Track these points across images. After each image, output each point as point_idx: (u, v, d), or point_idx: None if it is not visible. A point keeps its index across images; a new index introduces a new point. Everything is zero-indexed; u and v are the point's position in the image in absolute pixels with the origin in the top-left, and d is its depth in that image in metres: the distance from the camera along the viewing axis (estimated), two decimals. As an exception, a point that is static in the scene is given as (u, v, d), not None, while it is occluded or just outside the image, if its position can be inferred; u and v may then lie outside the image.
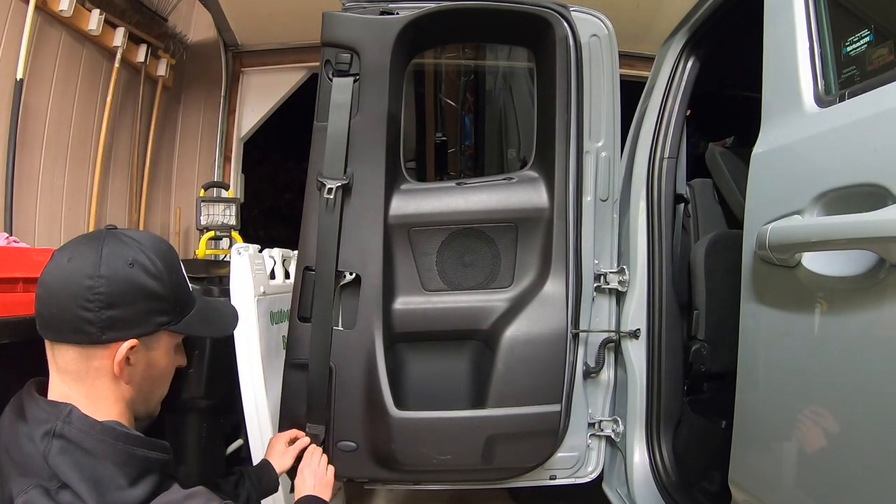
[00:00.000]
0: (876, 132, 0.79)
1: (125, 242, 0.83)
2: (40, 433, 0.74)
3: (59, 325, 0.79)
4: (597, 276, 1.52)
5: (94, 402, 0.80)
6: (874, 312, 0.78)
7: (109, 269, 0.79)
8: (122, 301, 0.79)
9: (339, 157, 1.36)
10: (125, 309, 0.80)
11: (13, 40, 2.24)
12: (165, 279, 0.84)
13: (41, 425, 0.75)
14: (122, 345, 0.80)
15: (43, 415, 0.76)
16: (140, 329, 0.82)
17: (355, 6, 1.40)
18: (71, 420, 0.76)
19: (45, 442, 0.73)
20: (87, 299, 0.77)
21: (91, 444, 0.75)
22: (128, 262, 0.80)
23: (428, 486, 1.56)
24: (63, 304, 0.78)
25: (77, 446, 0.74)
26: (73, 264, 0.80)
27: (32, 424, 0.75)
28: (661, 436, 1.49)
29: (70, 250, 0.82)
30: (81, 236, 0.86)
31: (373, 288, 1.38)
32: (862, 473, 0.81)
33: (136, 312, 0.81)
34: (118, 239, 0.83)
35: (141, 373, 0.84)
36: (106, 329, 0.78)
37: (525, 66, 3.26)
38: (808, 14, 0.99)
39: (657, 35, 1.84)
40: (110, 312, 0.78)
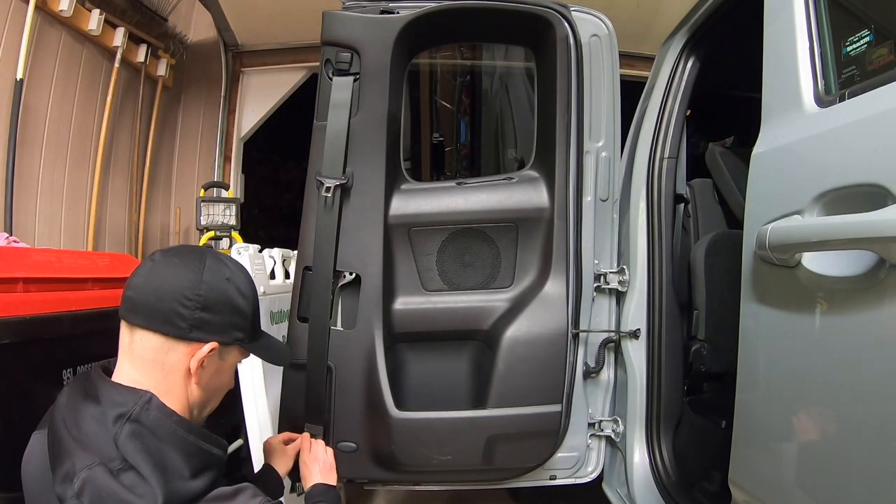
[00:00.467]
0: (876, 132, 0.79)
1: (223, 262, 0.93)
2: (114, 415, 0.78)
3: (153, 313, 0.85)
4: (597, 276, 1.52)
5: (162, 394, 0.84)
6: (874, 312, 0.78)
7: (211, 278, 0.88)
8: (215, 307, 0.87)
9: (337, 156, 1.36)
10: (215, 315, 0.87)
11: (13, 40, 2.24)
12: (250, 301, 0.94)
13: (117, 408, 0.79)
14: (203, 346, 0.86)
15: (121, 398, 0.80)
16: (221, 337, 0.89)
17: (355, 5, 1.40)
18: (150, 407, 0.81)
19: (117, 425, 0.77)
20: (188, 297, 0.85)
21: (164, 431, 0.80)
22: (225, 277, 0.90)
23: (428, 487, 1.56)
24: (163, 294, 0.85)
25: (150, 432, 0.79)
26: (180, 266, 0.88)
27: (107, 406, 0.79)
28: (661, 436, 1.49)
29: (177, 254, 0.92)
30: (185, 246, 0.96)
31: (373, 288, 1.38)
32: (862, 473, 0.81)
33: (222, 321, 0.89)
34: (217, 257, 0.93)
35: (209, 377, 0.90)
36: (194, 328, 0.85)
37: (522, 67, 3.26)
38: (808, 14, 0.99)
39: (657, 35, 1.84)
40: (202, 314, 0.86)
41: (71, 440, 0.77)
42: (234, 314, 0.90)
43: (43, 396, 1.08)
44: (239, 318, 0.91)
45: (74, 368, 1.17)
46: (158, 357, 0.85)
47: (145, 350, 0.85)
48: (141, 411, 0.79)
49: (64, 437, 0.78)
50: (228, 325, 0.90)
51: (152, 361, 0.85)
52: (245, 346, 0.94)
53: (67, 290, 1.18)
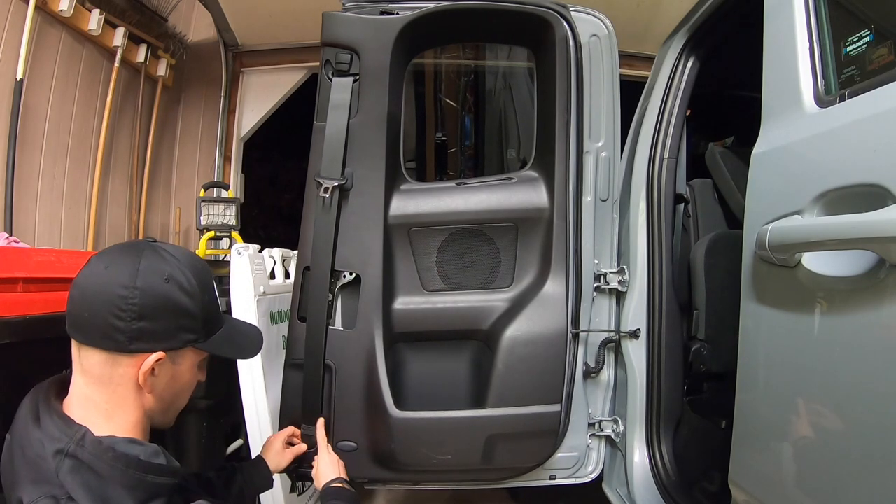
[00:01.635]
0: (876, 132, 0.79)
1: (163, 257, 0.84)
2: (52, 450, 0.75)
3: (90, 328, 0.80)
4: (597, 276, 1.52)
5: (114, 407, 0.81)
6: (874, 312, 0.78)
7: (145, 282, 0.80)
8: (154, 314, 0.80)
9: (336, 156, 1.36)
10: (155, 322, 0.81)
11: (13, 40, 2.24)
12: (198, 298, 0.85)
13: (54, 442, 0.75)
14: (148, 356, 0.81)
15: (56, 432, 0.76)
16: (168, 343, 0.83)
17: (355, 6, 1.40)
18: (84, 444, 0.76)
19: (56, 459, 0.74)
20: (121, 308, 0.79)
21: (102, 467, 0.75)
22: (164, 277, 0.82)
23: (428, 486, 1.56)
24: (96, 309, 0.79)
25: (88, 468, 0.75)
26: (110, 272, 0.81)
27: (46, 438, 0.76)
28: (661, 436, 1.49)
29: (108, 258, 0.83)
30: (121, 245, 0.87)
31: (373, 288, 1.38)
32: (862, 473, 0.81)
33: (165, 327, 0.82)
34: (157, 253, 0.84)
35: (163, 385, 0.85)
36: (134, 339, 0.80)
37: (525, 66, 3.26)
38: (808, 14, 0.99)
39: (657, 35, 1.84)
40: (141, 324, 0.79)
41: (22, 465, 0.75)
42: (180, 316, 0.83)
43: (43, 396, 1.08)
44: (186, 319, 0.84)
45: (74, 368, 1.16)
46: (105, 372, 0.81)
47: (92, 366, 0.81)
48: (77, 448, 0.75)
49: (17, 461, 0.76)
50: (174, 328, 0.83)
51: (100, 377, 0.81)
52: (200, 346, 0.87)
53: (67, 290, 1.18)
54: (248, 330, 1.01)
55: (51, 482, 0.73)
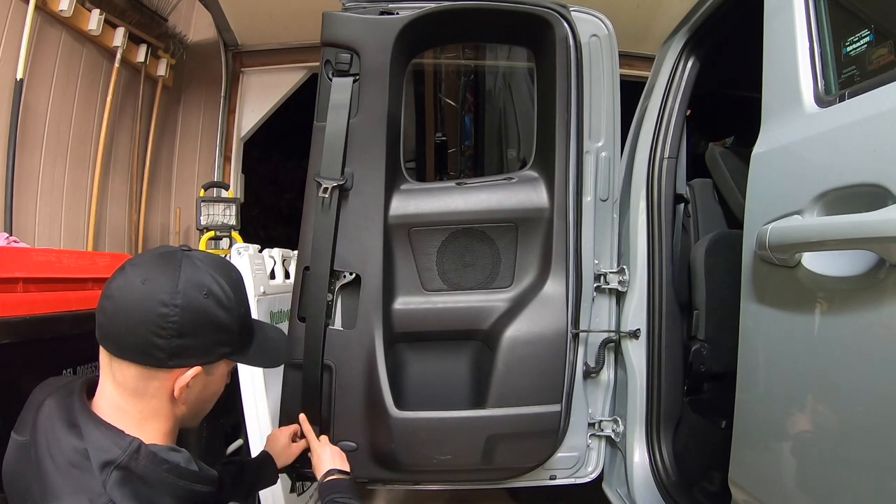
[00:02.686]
0: (876, 132, 0.79)
1: (200, 269, 0.82)
2: (100, 461, 0.73)
3: (126, 344, 0.78)
4: (597, 276, 1.52)
5: (147, 417, 0.81)
6: (874, 312, 0.78)
7: (185, 299, 0.78)
8: (193, 331, 0.79)
9: (336, 156, 1.36)
10: (195, 339, 0.80)
11: (13, 40, 2.24)
12: (234, 312, 0.84)
13: (102, 453, 0.74)
14: (186, 371, 0.80)
15: (106, 443, 0.75)
16: (205, 358, 0.83)
17: (355, 6, 1.40)
18: (139, 457, 0.75)
19: (105, 471, 0.73)
20: (161, 326, 0.77)
21: (154, 479, 0.76)
22: (203, 292, 0.80)
23: (428, 486, 1.56)
24: (133, 326, 0.77)
25: (140, 479, 0.75)
26: (148, 287, 0.78)
27: (91, 449, 0.75)
28: (661, 436, 1.48)
29: (145, 270, 0.80)
30: (156, 255, 0.84)
31: (373, 288, 1.38)
32: (862, 473, 0.81)
33: (203, 343, 0.81)
34: (194, 264, 0.82)
35: (196, 395, 0.86)
36: (173, 356, 0.79)
37: (525, 66, 3.26)
38: (808, 14, 0.99)
39: (657, 35, 1.84)
40: (180, 341, 0.78)
41: (57, 475, 0.73)
42: (217, 332, 0.83)
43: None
44: (223, 334, 0.84)
45: (74, 368, 1.17)
46: (140, 385, 0.80)
47: (126, 379, 0.79)
48: (129, 460, 0.74)
49: (48, 469, 0.74)
50: (211, 344, 0.83)
51: (134, 390, 0.80)
52: (233, 358, 0.88)
53: (67, 290, 1.18)
54: (277, 338, 1.00)
55: (94, 493, 0.71)
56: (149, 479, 0.75)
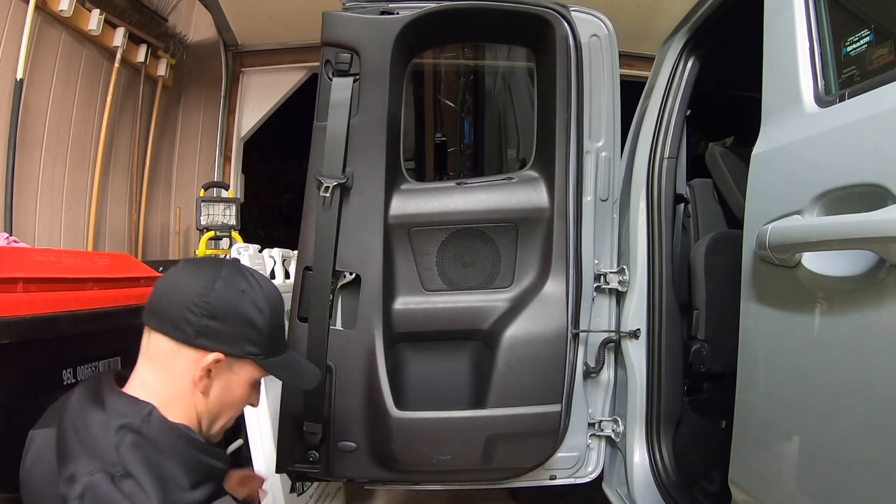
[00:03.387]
0: (876, 132, 0.79)
1: (244, 275, 0.93)
2: (116, 424, 0.79)
3: (163, 316, 0.88)
4: (597, 276, 1.52)
5: (170, 398, 0.87)
6: (874, 312, 0.78)
7: (222, 288, 0.89)
8: (223, 317, 0.88)
9: (337, 156, 1.36)
10: (222, 324, 0.88)
11: (13, 40, 2.24)
12: (266, 316, 0.92)
13: (120, 418, 0.81)
14: (209, 354, 0.87)
15: (124, 409, 0.82)
16: (229, 347, 0.89)
17: (355, 6, 1.40)
18: (150, 420, 0.82)
19: (120, 434, 0.79)
20: (195, 303, 0.87)
21: (164, 444, 0.81)
22: (240, 289, 0.91)
23: (428, 486, 1.56)
24: (172, 300, 0.88)
25: (151, 443, 0.80)
26: (193, 273, 0.91)
27: (111, 415, 0.81)
28: (661, 436, 1.48)
29: (196, 263, 0.96)
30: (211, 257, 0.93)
31: (373, 288, 1.38)
32: (862, 473, 0.81)
33: (230, 331, 0.89)
34: (239, 270, 0.94)
35: (217, 390, 0.91)
36: (200, 334, 0.87)
37: (524, 67, 3.26)
38: (808, 14, 0.99)
39: (657, 35, 1.84)
40: (209, 322, 0.87)
41: (77, 443, 0.79)
42: (245, 326, 0.90)
43: (43, 396, 1.08)
44: (251, 330, 0.90)
45: (74, 368, 1.17)
46: (167, 361, 0.87)
47: (157, 352, 0.88)
48: (142, 423, 0.81)
49: (70, 439, 0.80)
50: (238, 336, 0.89)
51: (162, 364, 0.87)
52: (259, 361, 0.93)
53: (67, 290, 1.18)
54: (304, 365, 1.07)
55: (107, 458, 0.76)
56: (159, 444, 0.80)
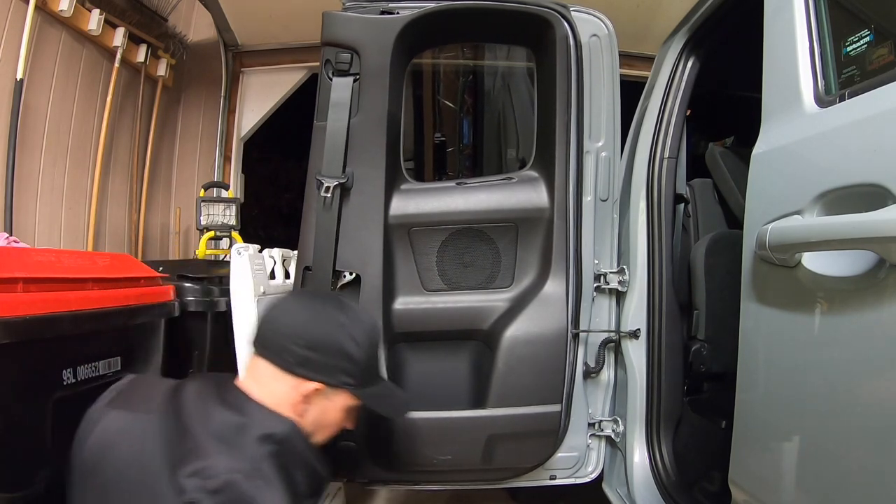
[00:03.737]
0: (876, 132, 0.79)
1: (344, 310, 1.02)
2: (260, 433, 0.88)
3: (269, 344, 0.98)
4: (597, 276, 1.52)
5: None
6: (874, 312, 0.78)
7: (324, 322, 0.99)
8: (322, 349, 0.96)
9: (337, 156, 1.36)
10: (321, 356, 0.96)
11: (13, 40, 2.24)
12: (363, 349, 1.00)
13: (263, 428, 0.89)
14: (308, 383, 0.96)
15: (268, 421, 0.91)
16: (326, 378, 0.97)
17: (355, 6, 1.40)
18: (292, 435, 0.92)
19: (262, 442, 0.87)
20: (298, 335, 0.96)
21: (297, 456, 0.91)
22: (340, 323, 0.99)
23: (428, 487, 1.56)
24: (279, 331, 0.98)
25: (287, 454, 0.89)
26: (300, 307, 1.02)
27: (253, 422, 0.89)
28: (661, 436, 1.48)
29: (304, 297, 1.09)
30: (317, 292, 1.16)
31: (373, 288, 1.38)
32: (862, 473, 0.81)
33: (328, 363, 0.97)
34: (340, 305, 1.03)
35: (312, 415, 0.98)
36: (300, 364, 0.95)
37: (524, 67, 3.25)
38: (808, 14, 0.99)
39: (657, 35, 1.84)
40: (308, 353, 0.95)
41: (210, 441, 0.85)
42: (343, 359, 0.97)
43: (43, 396, 1.08)
44: (348, 363, 0.98)
45: (74, 368, 1.16)
46: (269, 384, 0.95)
47: (261, 375, 0.96)
48: (285, 437, 0.90)
49: (198, 433, 0.86)
50: (335, 368, 0.97)
51: (265, 386, 0.95)
52: (353, 391, 1.00)
53: (67, 290, 1.18)
54: (397, 396, 1.14)
55: (249, 461, 0.84)
56: (294, 456, 0.90)
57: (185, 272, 1.73)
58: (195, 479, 0.80)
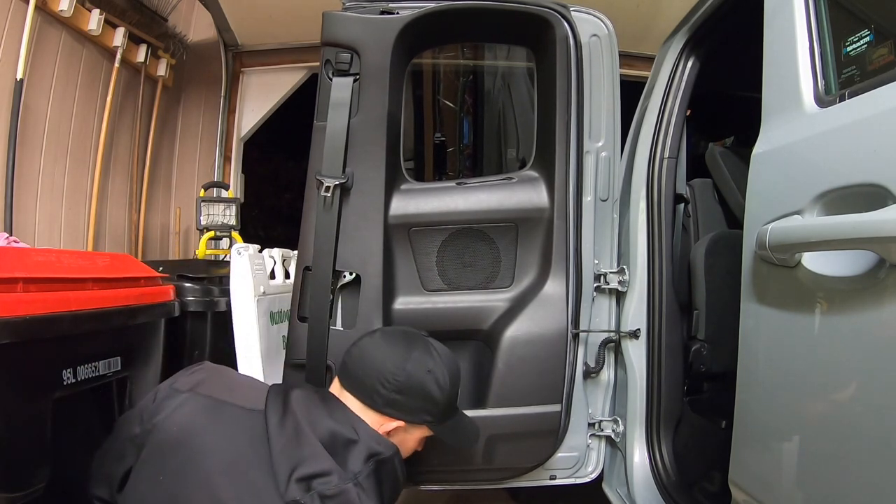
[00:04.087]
0: (876, 132, 0.79)
1: (431, 354, 1.07)
2: (368, 452, 0.96)
3: (358, 383, 1.04)
4: (597, 276, 1.51)
5: None
6: (874, 312, 0.78)
7: (412, 368, 1.04)
8: (409, 392, 1.03)
9: (337, 155, 1.36)
10: (408, 398, 1.03)
11: (13, 40, 2.24)
12: (446, 393, 1.07)
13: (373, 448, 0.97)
14: (392, 421, 1.04)
15: (378, 445, 0.99)
16: (410, 417, 1.05)
17: (355, 6, 1.40)
18: (394, 458, 1.01)
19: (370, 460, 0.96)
20: (387, 380, 1.02)
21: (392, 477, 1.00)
22: (427, 369, 1.04)
23: (428, 487, 1.56)
24: (368, 372, 1.04)
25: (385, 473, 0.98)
26: (391, 349, 1.07)
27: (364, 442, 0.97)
28: (661, 436, 1.48)
29: (394, 338, 1.10)
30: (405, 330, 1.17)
31: (373, 288, 1.38)
32: (862, 474, 0.81)
33: (413, 405, 1.04)
34: (428, 348, 1.08)
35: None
36: (387, 405, 1.03)
37: (524, 67, 3.25)
38: (808, 14, 0.99)
39: (657, 35, 1.84)
40: (396, 396, 1.02)
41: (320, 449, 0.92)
42: (427, 402, 1.04)
43: (43, 396, 1.08)
44: (431, 404, 1.05)
45: (74, 368, 1.17)
46: (357, 415, 1.02)
47: (349, 406, 1.03)
48: (387, 459, 0.98)
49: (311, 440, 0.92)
50: (419, 409, 1.04)
51: (352, 416, 1.01)
52: (432, 427, 1.09)
53: (67, 290, 1.18)
54: (468, 426, 1.20)
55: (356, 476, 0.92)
56: (389, 475, 0.99)
57: (185, 272, 1.73)
58: (308, 482, 0.87)
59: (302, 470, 0.88)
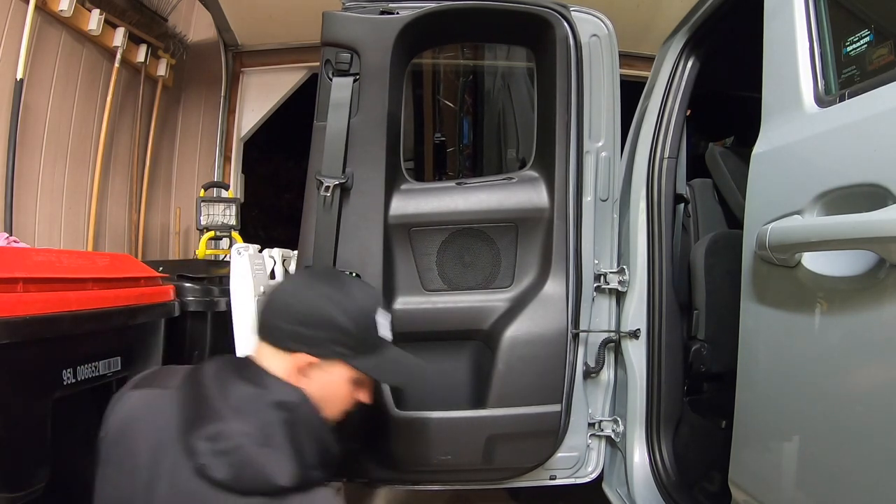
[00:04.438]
0: (876, 132, 0.79)
1: (331, 282, 1.03)
2: (274, 400, 0.90)
3: (262, 325, 0.99)
4: (597, 276, 1.52)
5: None
6: (874, 312, 0.78)
7: (312, 296, 0.99)
8: (310, 323, 0.96)
9: (337, 155, 1.36)
10: (311, 330, 0.96)
11: (13, 40, 2.24)
12: (354, 320, 0.98)
13: (278, 395, 0.91)
14: (301, 356, 0.95)
15: (283, 390, 0.93)
16: (318, 350, 0.96)
17: (355, 6, 1.40)
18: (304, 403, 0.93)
19: (275, 409, 0.89)
20: (287, 312, 0.97)
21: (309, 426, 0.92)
22: (327, 296, 0.98)
23: (428, 487, 1.56)
24: (269, 311, 0.99)
25: (298, 423, 0.90)
26: (291, 286, 1.05)
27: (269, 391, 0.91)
28: (661, 436, 1.48)
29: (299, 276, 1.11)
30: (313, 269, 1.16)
31: (373, 288, 1.38)
32: (862, 473, 0.81)
33: (319, 336, 0.96)
34: (328, 278, 1.06)
35: (314, 389, 0.97)
36: (290, 339, 0.96)
37: (524, 67, 3.25)
38: (808, 14, 0.99)
39: (657, 35, 1.84)
40: (298, 328, 0.96)
41: (226, 408, 0.87)
42: (333, 331, 0.96)
43: (43, 396, 1.08)
44: (339, 334, 0.97)
45: (74, 368, 1.17)
46: (269, 362, 0.96)
47: (262, 356, 0.97)
48: (297, 405, 0.91)
49: (216, 402, 0.88)
50: (326, 339, 0.96)
51: (265, 366, 0.96)
52: (349, 361, 0.99)
53: (67, 290, 1.18)
54: (402, 363, 1.08)
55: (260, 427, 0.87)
56: (305, 425, 0.91)
57: (185, 272, 1.73)
58: (207, 442, 0.84)
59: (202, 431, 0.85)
